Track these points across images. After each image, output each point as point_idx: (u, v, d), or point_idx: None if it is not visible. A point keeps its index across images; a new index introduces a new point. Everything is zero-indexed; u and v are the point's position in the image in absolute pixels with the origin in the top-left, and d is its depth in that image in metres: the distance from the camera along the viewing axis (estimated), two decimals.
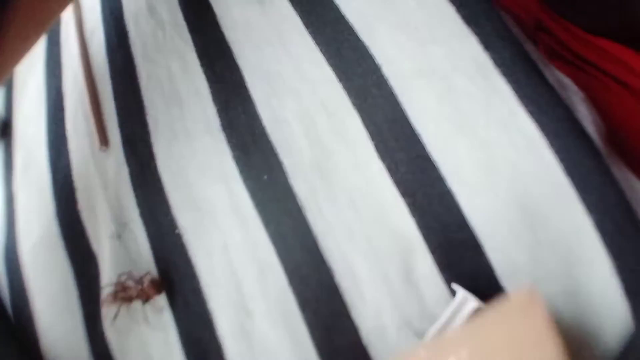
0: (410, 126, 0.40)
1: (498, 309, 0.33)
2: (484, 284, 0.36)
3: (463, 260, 0.37)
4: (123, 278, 0.43)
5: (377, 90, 0.41)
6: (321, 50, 0.44)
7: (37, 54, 0.59)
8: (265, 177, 0.43)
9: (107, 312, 0.43)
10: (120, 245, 0.45)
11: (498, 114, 0.38)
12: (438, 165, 0.38)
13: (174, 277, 0.43)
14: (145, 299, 0.42)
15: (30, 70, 0.58)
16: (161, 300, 0.42)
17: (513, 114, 0.37)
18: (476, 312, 0.35)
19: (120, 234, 0.45)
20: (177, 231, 0.44)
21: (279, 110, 0.44)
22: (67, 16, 0.59)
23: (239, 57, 0.47)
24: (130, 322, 0.43)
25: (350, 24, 0.44)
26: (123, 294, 0.42)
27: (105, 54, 0.53)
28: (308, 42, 0.45)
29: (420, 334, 0.36)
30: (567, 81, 0.41)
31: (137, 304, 0.42)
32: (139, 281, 0.42)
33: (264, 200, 0.42)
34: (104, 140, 0.49)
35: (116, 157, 0.48)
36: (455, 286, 0.36)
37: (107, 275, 0.44)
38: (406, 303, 0.37)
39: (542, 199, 0.36)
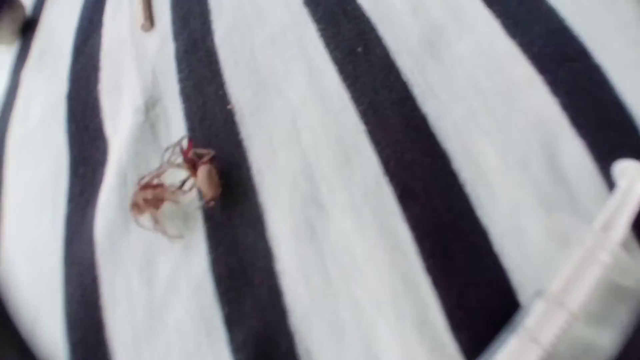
0: (544, 2, 0.32)
1: None
2: None
3: (621, 147, 0.26)
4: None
5: None
6: None
7: None
8: (360, 49, 0.33)
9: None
10: (146, 122, 0.33)
11: None
12: (582, 39, 0.29)
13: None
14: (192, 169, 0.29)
15: None
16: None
17: None
18: None
19: (149, 109, 0.34)
20: (229, 106, 0.32)
21: None
22: None
23: None
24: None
25: None
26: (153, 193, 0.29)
27: None
28: None
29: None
30: None
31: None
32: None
33: (356, 74, 0.32)
34: (150, 19, 0.39)
35: (161, 35, 0.39)
36: (620, 163, 0.25)
37: (119, 157, 0.32)
38: (553, 198, 0.25)
39: None
